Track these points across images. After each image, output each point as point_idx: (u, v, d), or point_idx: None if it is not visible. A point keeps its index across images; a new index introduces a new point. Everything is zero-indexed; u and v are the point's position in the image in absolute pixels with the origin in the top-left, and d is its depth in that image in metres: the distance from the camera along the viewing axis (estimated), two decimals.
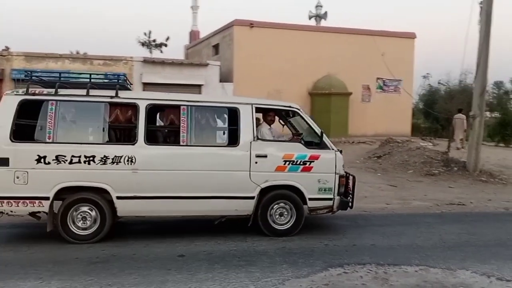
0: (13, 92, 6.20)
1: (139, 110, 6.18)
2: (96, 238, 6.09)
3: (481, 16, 12.61)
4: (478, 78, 12.75)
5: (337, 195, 6.64)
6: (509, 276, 5.09)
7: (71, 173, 5.96)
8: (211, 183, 6.30)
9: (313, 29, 20.13)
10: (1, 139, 5.86)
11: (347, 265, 5.40)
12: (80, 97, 6.17)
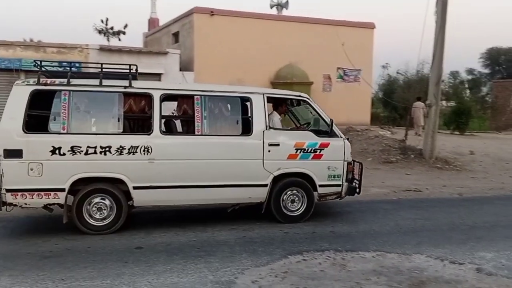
0: (24, 82, 6.05)
1: (153, 100, 6.17)
2: (113, 228, 6.09)
3: (437, 7, 12.91)
4: (434, 68, 13.10)
5: (345, 181, 6.88)
6: (461, 260, 5.26)
7: (87, 164, 5.91)
8: (226, 172, 6.40)
9: (275, 18, 20.04)
10: (13, 130, 5.72)
11: (306, 252, 5.45)
12: (93, 87, 6.10)
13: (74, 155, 5.84)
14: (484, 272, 4.89)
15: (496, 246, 5.79)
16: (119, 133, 6.12)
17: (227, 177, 6.41)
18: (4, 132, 5.74)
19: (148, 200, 6.30)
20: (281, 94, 7.23)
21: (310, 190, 6.81)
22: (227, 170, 6.41)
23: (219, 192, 6.45)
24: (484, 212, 7.80)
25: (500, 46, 52.17)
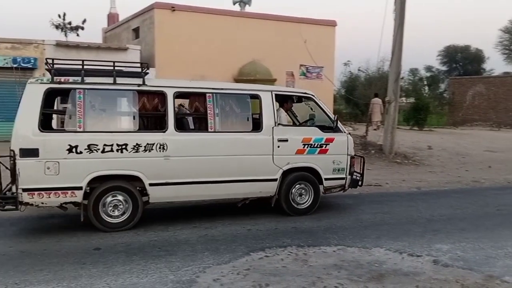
0: (37, 80, 5.94)
1: (167, 98, 6.23)
2: (129, 225, 6.14)
3: (396, 5, 13.18)
4: (393, 65, 13.38)
5: (348, 174, 7.23)
6: (419, 252, 5.39)
7: (103, 162, 5.91)
8: (238, 167, 6.57)
9: (238, 14, 19.95)
10: (29, 129, 5.65)
11: (268, 248, 5.45)
12: (107, 85, 6.07)
13: (91, 153, 5.83)
14: (440, 263, 5.02)
15: (452, 238, 5.96)
16: (135, 130, 6.15)
17: (239, 172, 6.57)
18: (19, 131, 5.66)
19: (163, 196, 6.39)
20: (288, 91, 7.68)
21: (317, 184, 7.09)
22: (239, 166, 6.58)
23: (231, 187, 6.60)
24: (441, 205, 8.03)
25: (457, 44, 54.03)
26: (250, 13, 20.35)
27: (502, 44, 50.10)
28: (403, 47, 13.23)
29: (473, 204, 8.18)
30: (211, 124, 6.43)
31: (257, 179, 6.69)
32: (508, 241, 5.84)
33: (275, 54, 19.45)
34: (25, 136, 5.65)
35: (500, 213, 7.52)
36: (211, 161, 6.42)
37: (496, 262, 5.06)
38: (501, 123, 28.64)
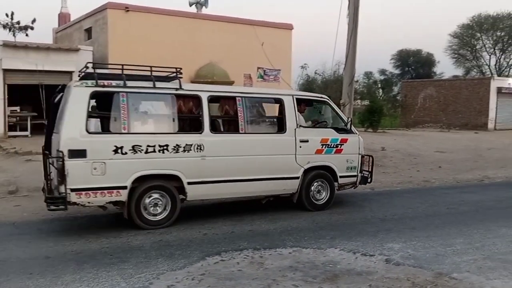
0: (82, 83, 6.08)
1: (202, 101, 6.63)
2: (168, 223, 6.41)
3: (349, 9, 13.42)
4: (347, 69, 13.60)
5: (359, 172, 7.86)
6: (372, 251, 5.50)
7: (146, 162, 6.19)
8: (265, 166, 7.05)
9: (194, 16, 19.76)
10: (77, 131, 5.83)
11: (224, 252, 5.41)
12: (148, 89, 6.38)
13: (135, 154, 6.11)
14: (392, 262, 5.13)
15: (403, 237, 6.12)
16: (175, 132, 6.47)
17: (266, 171, 7.05)
18: (68, 133, 5.82)
19: (199, 194, 6.72)
20: (306, 96, 8.23)
21: (332, 181, 7.66)
22: (266, 165, 7.06)
23: (259, 185, 7.07)
24: (393, 205, 8.25)
25: (409, 48, 55.93)
26: (207, 15, 20.21)
27: (451, 48, 52.31)
28: (357, 51, 13.48)
29: (424, 203, 8.45)
30: (241, 125, 6.89)
31: (282, 177, 7.20)
32: (456, 238, 6.05)
33: (233, 56, 19.42)
34: (73, 137, 5.83)
35: (449, 212, 7.79)
36: (242, 161, 6.87)
37: (445, 260, 5.23)
38: (450, 125, 29.83)
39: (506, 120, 30.39)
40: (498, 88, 29.94)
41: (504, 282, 4.60)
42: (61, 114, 6.17)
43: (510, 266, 5.03)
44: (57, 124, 6.24)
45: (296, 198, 7.45)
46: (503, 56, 50.70)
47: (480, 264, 5.09)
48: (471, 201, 8.77)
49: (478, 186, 10.60)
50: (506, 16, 48.88)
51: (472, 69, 52.52)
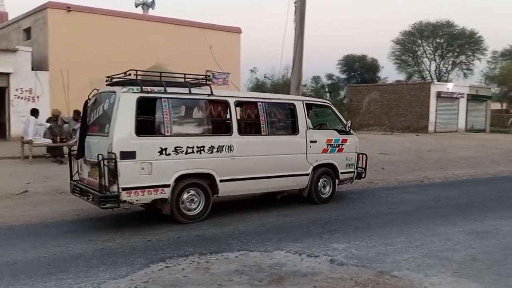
0: (129, 90, 6.45)
1: (230, 106, 7.26)
2: (203, 217, 6.97)
3: (296, 15, 13.63)
4: (294, 73, 13.80)
5: (355, 168, 8.84)
6: (317, 252, 5.57)
7: (186, 162, 6.74)
8: (283, 164, 7.81)
9: (140, 17, 19.43)
10: (127, 134, 6.26)
11: (169, 259, 5.30)
12: (185, 94, 6.91)
13: (177, 154, 6.64)
14: (336, 262, 5.22)
15: (347, 237, 6.25)
16: (209, 134, 7.07)
17: (283, 168, 7.81)
18: (119, 136, 6.21)
19: (229, 190, 7.34)
20: (313, 101, 9.09)
21: (334, 177, 8.57)
22: (283, 163, 7.82)
23: (277, 181, 7.81)
24: (339, 206, 8.40)
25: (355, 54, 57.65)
26: (153, 16, 19.92)
27: (394, 54, 54.44)
28: (305, 55, 13.71)
29: (367, 204, 8.69)
30: (263, 128, 7.64)
31: (295, 174, 8.00)
32: (397, 237, 6.26)
33: (180, 58, 19.20)
34: (124, 140, 6.25)
35: (391, 212, 8.06)
36: (264, 159, 7.59)
37: (386, 258, 5.38)
38: (393, 128, 31.00)
39: (445, 123, 32.02)
40: (438, 93, 31.49)
41: (441, 278, 4.79)
42: (105, 118, 6.58)
43: (447, 263, 5.25)
44: (102, 127, 6.63)
45: (306, 192, 8.28)
46: (442, 62, 53.41)
47: (419, 261, 5.28)
48: (412, 201, 9.12)
49: (418, 186, 11.03)
50: (445, 24, 51.54)
51: (413, 74, 54.91)
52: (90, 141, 6.89)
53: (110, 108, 6.48)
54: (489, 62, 53.14)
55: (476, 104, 35.07)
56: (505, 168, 14.29)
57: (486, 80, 50.08)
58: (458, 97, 32.98)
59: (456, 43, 51.60)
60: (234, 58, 21.38)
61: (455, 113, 33.21)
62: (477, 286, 4.58)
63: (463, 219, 7.37)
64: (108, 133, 6.29)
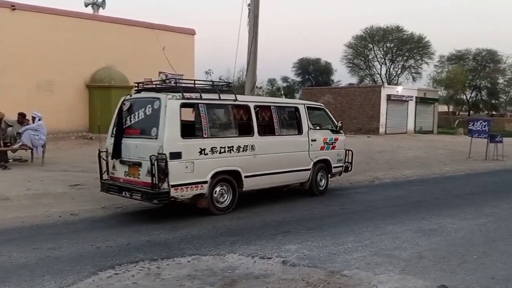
0: (174, 96, 7.10)
1: (250, 110, 8.12)
2: (231, 209, 7.79)
3: (250, 18, 13.65)
4: (249, 75, 13.81)
5: (343, 163, 10.15)
6: (270, 254, 5.59)
7: (220, 161, 7.52)
8: (291, 161, 8.81)
9: (90, 17, 18.86)
10: (175, 137, 6.95)
11: (118, 265, 5.16)
12: (215, 100, 7.74)
13: (213, 154, 7.41)
14: (288, 264, 5.26)
15: (300, 238, 6.31)
16: (236, 136, 7.91)
17: (292, 164, 8.80)
18: (169, 138, 6.85)
19: (251, 185, 8.12)
20: (311, 104, 10.02)
21: (328, 171, 9.69)
22: (292, 160, 8.82)
23: (287, 175, 8.81)
24: (291, 207, 8.48)
25: (309, 57, 58.60)
26: (104, 16, 19.41)
27: (347, 58, 55.83)
28: (260, 58, 13.74)
29: (320, 204, 8.81)
30: (276, 129, 8.60)
31: (300, 169, 9.01)
32: (348, 237, 6.38)
33: (132, 60, 18.86)
34: (172, 142, 6.90)
35: (343, 212, 8.22)
36: (278, 157, 8.51)
37: (337, 258, 5.47)
38: (346, 130, 31.52)
39: (395, 124, 33.09)
40: (388, 96, 32.51)
41: (389, 276, 4.92)
42: (148, 122, 7.17)
43: (395, 261, 5.40)
44: (146, 130, 7.22)
45: (308, 185, 9.29)
46: (392, 66, 55.30)
47: (369, 260, 5.40)
48: (362, 200, 9.35)
49: (369, 186, 11.32)
50: (394, 29, 53.38)
51: (365, 78, 56.54)
52: (129, 143, 7.36)
53: (154, 113, 7.08)
54: (436, 66, 55.57)
55: (424, 107, 36.47)
56: (451, 168, 14.92)
57: (433, 83, 52.32)
58: (407, 100, 34.18)
59: (405, 48, 53.58)
60: (188, 60, 21.16)
61: (405, 115, 34.41)
62: (423, 283, 4.74)
63: (411, 218, 7.62)
64: (157, 136, 6.92)
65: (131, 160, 7.30)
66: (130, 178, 7.32)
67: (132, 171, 7.30)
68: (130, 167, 7.33)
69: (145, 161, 6.92)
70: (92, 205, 8.26)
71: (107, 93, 17.96)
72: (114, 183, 7.59)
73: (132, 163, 7.29)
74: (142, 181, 7.05)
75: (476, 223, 7.35)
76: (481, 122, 18.27)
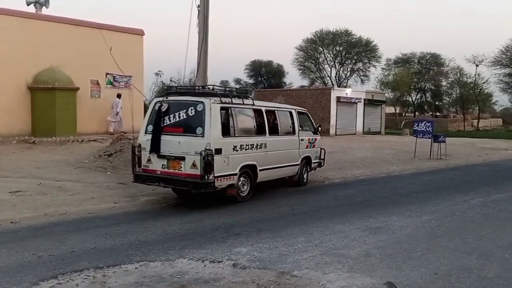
0: (215, 101, 8.38)
1: (263, 113, 9.69)
2: (248, 197, 9.08)
3: (199, 19, 13.53)
4: (199, 77, 13.65)
5: (319, 159, 11.93)
6: (220, 257, 5.53)
7: (245, 156, 8.92)
8: (287, 157, 10.42)
9: (32, 16, 17.98)
10: (218, 135, 8.24)
11: (61, 275, 4.94)
12: (240, 105, 9.12)
13: (241, 151, 8.80)
14: (239, 266, 5.23)
15: (251, 240, 6.30)
16: (255, 135, 9.37)
17: (288, 160, 10.44)
18: (214, 137, 8.15)
19: (262, 177, 9.45)
20: (299, 109, 11.56)
21: (308, 166, 11.43)
22: (288, 156, 10.43)
23: (285, 169, 10.42)
24: (241, 210, 8.38)
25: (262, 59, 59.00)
26: (47, 15, 18.60)
27: (298, 60, 56.66)
28: (212, 59, 13.71)
29: (270, 205, 8.83)
30: (279, 129, 10.21)
31: (293, 164, 10.65)
32: (298, 237, 6.43)
33: (78, 61, 18.23)
34: (216, 140, 8.20)
35: (293, 212, 8.29)
36: (281, 153, 10.11)
37: (287, 259, 5.50)
38: None
39: (344, 126, 33.87)
40: (338, 98, 33.24)
41: (337, 275, 4.99)
42: (192, 122, 8.30)
43: (343, 259, 5.50)
44: (190, 129, 8.31)
45: (296, 178, 10.91)
46: (341, 69, 56.65)
47: (318, 260, 5.47)
48: (313, 201, 9.48)
49: (319, 187, 11.50)
50: (343, 32, 54.75)
51: (316, 80, 57.55)
52: (171, 140, 8.38)
53: (198, 114, 8.23)
54: (383, 69, 57.54)
55: (372, 108, 37.57)
56: (397, 167, 15.43)
57: (381, 85, 54.08)
58: (356, 101, 35.09)
59: (354, 51, 55.09)
60: (136, 61, 20.66)
61: (354, 116, 35.29)
62: (370, 280, 4.84)
63: (359, 217, 7.80)
64: (203, 134, 8.10)
65: (172, 154, 8.31)
66: (170, 171, 8.33)
67: (173, 164, 8.31)
68: (171, 161, 8.33)
69: (189, 156, 8.08)
70: (34, 212, 7.88)
71: (51, 95, 17.20)
72: (151, 174, 8.53)
73: (173, 157, 8.30)
74: (185, 173, 8.15)
75: (420, 220, 7.62)
76: (425, 123, 19.05)
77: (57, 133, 16.88)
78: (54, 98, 17.22)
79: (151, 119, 8.69)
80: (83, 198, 9.12)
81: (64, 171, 12.09)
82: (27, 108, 17.42)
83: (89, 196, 9.28)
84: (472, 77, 50.03)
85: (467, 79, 51.32)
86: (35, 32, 17.42)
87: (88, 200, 8.92)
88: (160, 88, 32.68)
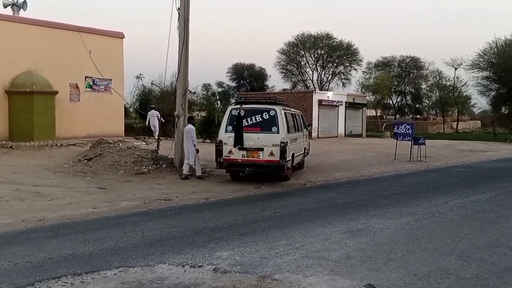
0: (283, 108, 12.30)
1: (294, 115, 13.66)
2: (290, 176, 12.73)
3: (180, 22, 13.47)
4: (180, 81, 13.61)
5: (307, 150, 15.75)
6: (201, 262, 5.49)
7: (293, 147, 12.49)
8: (301, 147, 14.12)
9: (9, 19, 17.65)
10: (286, 132, 11.83)
11: (39, 282, 4.86)
12: (288, 110, 13.00)
13: (292, 143, 12.34)
14: (220, 271, 5.19)
15: (232, 244, 6.26)
16: (293, 132, 12.82)
17: (301, 149, 14.05)
18: (285, 133, 11.80)
19: (294, 162, 13.08)
20: (298, 112, 15.07)
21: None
22: (301, 146, 14.12)
23: (300, 157, 13.97)
24: (225, 213, 8.42)
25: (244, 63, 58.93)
26: (25, 18, 18.27)
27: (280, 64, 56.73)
28: (194, 62, 13.66)
29: (253, 209, 8.82)
30: (298, 127, 13.86)
31: (301, 153, 14.23)
32: (280, 241, 6.42)
33: (56, 64, 17.96)
34: (286, 135, 11.76)
35: (275, 216, 8.26)
36: (300, 145, 13.71)
37: (268, 262, 5.48)
38: None
39: (326, 129, 34.11)
40: (319, 101, 33.47)
41: (318, 278, 4.99)
42: (268, 123, 11.72)
43: (324, 262, 5.50)
44: (266, 128, 11.72)
45: (302, 164, 14.64)
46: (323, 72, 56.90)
47: (299, 263, 5.46)
48: (294, 204, 9.47)
49: (301, 189, 11.51)
50: (325, 36, 55.04)
51: (298, 83, 57.69)
52: (250, 136, 11.67)
53: (272, 117, 11.73)
54: (364, 72, 57.98)
55: (353, 111, 37.92)
56: (378, 170, 15.57)
57: (362, 89, 54.57)
58: (337, 104, 35.37)
59: (335, 55, 55.43)
60: (116, 64, 20.43)
61: (335, 119, 35.57)
62: (350, 282, 4.85)
63: (340, 219, 7.83)
64: (278, 131, 11.63)
65: (252, 147, 11.63)
66: (250, 159, 11.71)
67: (252, 154, 11.68)
68: (250, 152, 11.68)
69: (267, 147, 11.54)
70: (11, 219, 7.72)
71: (29, 99, 16.87)
72: (233, 162, 11.86)
73: (254, 149, 11.65)
74: (264, 159, 11.63)
75: (400, 222, 7.69)
76: (405, 125, 19.30)
77: (35, 138, 16.56)
78: (32, 102, 16.90)
79: (229, 121, 11.91)
80: (62, 203, 8.97)
81: (42, 176, 11.88)
82: (4, 112, 17.08)
83: (68, 201, 9.14)
84: (451, 80, 50.87)
85: (446, 82, 52.19)
86: (12, 35, 17.11)
87: (66, 206, 8.78)
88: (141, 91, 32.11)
